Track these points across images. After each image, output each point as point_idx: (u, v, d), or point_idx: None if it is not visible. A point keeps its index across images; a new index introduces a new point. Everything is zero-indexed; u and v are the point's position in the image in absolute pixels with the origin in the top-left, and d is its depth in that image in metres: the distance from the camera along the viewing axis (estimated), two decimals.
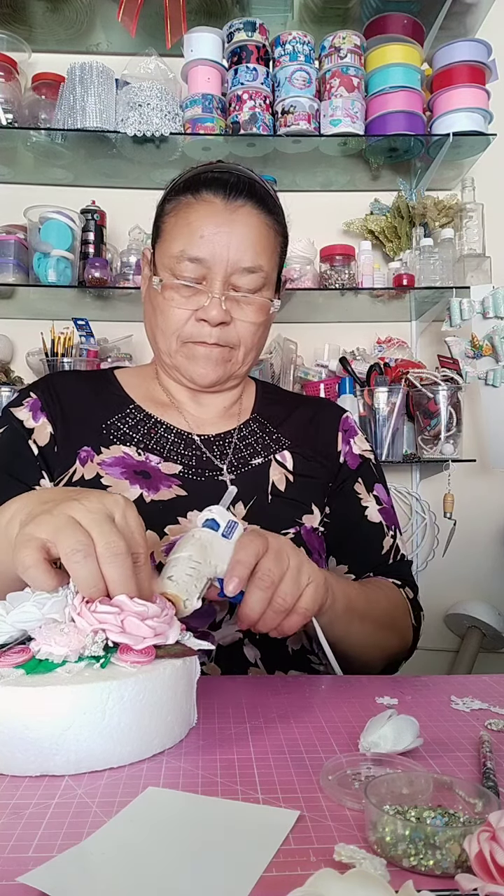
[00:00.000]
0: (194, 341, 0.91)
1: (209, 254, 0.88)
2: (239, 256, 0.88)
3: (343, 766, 0.52)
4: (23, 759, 0.52)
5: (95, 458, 0.90)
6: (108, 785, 0.51)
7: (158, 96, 1.83)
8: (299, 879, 0.35)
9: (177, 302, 0.90)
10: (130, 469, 0.89)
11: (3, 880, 0.39)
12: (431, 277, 1.92)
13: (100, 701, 0.52)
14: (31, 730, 0.51)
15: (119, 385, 1.01)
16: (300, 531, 0.89)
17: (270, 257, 0.92)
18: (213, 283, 0.89)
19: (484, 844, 0.36)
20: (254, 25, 1.87)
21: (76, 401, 0.96)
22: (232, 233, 0.88)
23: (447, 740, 0.60)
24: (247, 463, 0.94)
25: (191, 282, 0.89)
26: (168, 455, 0.92)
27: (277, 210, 0.95)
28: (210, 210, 0.89)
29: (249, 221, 0.90)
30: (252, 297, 0.91)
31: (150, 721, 0.55)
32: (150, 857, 0.41)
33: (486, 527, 2.12)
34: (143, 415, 0.96)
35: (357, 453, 1.02)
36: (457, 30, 2.01)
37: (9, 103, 1.87)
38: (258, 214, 0.91)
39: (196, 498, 0.88)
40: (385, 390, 1.87)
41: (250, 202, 0.90)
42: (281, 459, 0.96)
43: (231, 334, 0.91)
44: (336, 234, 2.13)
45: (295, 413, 1.03)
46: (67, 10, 1.91)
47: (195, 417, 0.98)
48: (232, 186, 0.90)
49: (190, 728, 0.61)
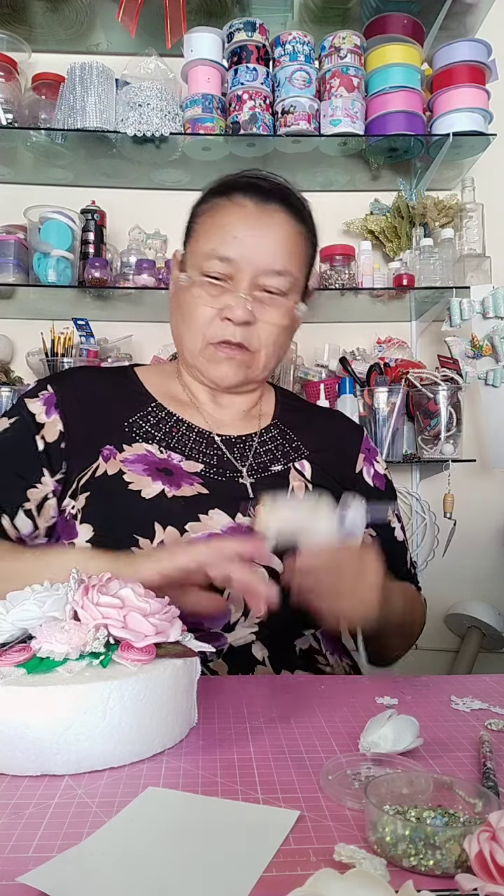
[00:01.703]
0: (217, 342, 0.91)
1: (239, 254, 0.89)
2: (269, 259, 0.90)
3: (343, 766, 0.52)
4: (23, 759, 0.52)
5: (118, 455, 0.89)
6: (108, 785, 0.51)
7: (158, 96, 1.82)
8: (299, 879, 0.35)
9: (204, 300, 0.91)
10: (153, 466, 0.89)
11: (3, 880, 0.39)
12: (431, 277, 1.92)
13: (100, 701, 0.52)
14: (31, 729, 0.51)
15: (140, 383, 1.01)
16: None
17: (300, 263, 0.94)
18: (241, 282, 0.89)
19: (484, 844, 0.36)
20: (254, 25, 1.87)
21: (97, 397, 0.96)
22: (263, 236, 0.90)
23: (447, 740, 0.60)
24: (266, 468, 0.94)
25: (218, 279, 0.90)
26: (190, 454, 0.92)
27: (310, 220, 0.97)
28: (243, 213, 0.91)
29: (281, 226, 0.91)
30: (278, 298, 0.92)
31: (151, 721, 0.55)
32: (150, 857, 0.41)
33: (486, 527, 2.12)
34: (165, 413, 0.96)
35: (382, 473, 1.05)
36: (457, 30, 2.01)
37: (9, 103, 1.87)
38: (290, 221, 0.92)
39: (217, 497, 0.88)
40: (385, 390, 1.87)
41: (283, 208, 0.92)
42: (300, 468, 0.96)
43: (253, 335, 0.92)
44: (336, 234, 2.13)
45: (314, 423, 1.05)
46: (67, 10, 1.90)
47: (214, 418, 0.98)
48: (265, 192, 0.92)
49: (190, 728, 0.61)
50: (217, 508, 0.86)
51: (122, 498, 0.85)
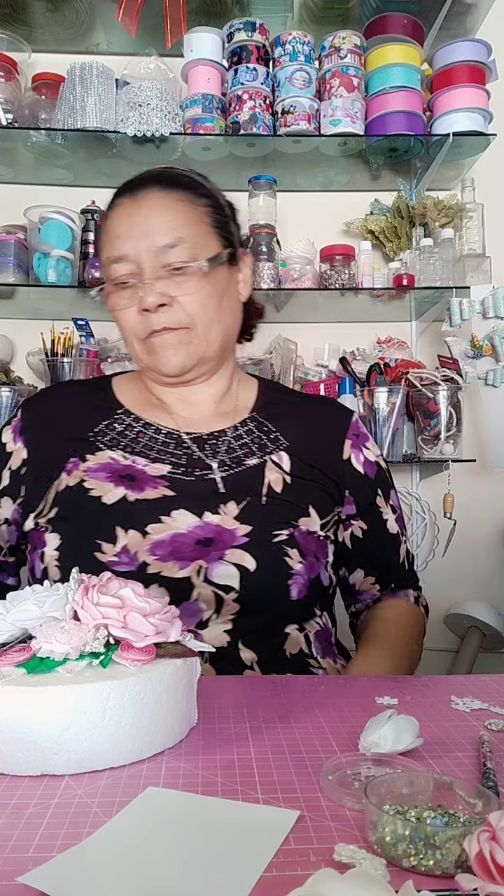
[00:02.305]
0: (146, 336, 0.91)
1: (128, 248, 0.89)
2: (154, 238, 0.89)
3: (343, 766, 0.52)
4: (23, 759, 0.52)
5: (81, 465, 0.90)
6: (108, 785, 0.51)
7: (158, 96, 1.82)
8: (299, 879, 0.35)
9: (121, 305, 0.92)
10: (116, 473, 0.89)
11: (3, 880, 0.39)
12: (431, 277, 1.92)
13: (100, 700, 0.52)
14: (31, 729, 0.51)
15: (112, 391, 1.02)
16: (294, 533, 0.87)
17: (193, 226, 0.91)
18: (143, 272, 0.89)
19: (484, 844, 0.36)
20: (254, 25, 1.87)
21: (66, 413, 0.98)
22: (142, 219, 0.89)
23: (447, 740, 0.60)
24: (241, 462, 0.93)
25: (126, 281, 0.90)
26: (156, 457, 0.92)
27: (195, 184, 0.95)
28: (120, 211, 0.92)
29: (156, 203, 0.90)
30: (186, 268, 0.89)
31: (151, 721, 0.55)
32: (150, 857, 0.41)
33: (486, 527, 2.12)
34: (132, 419, 0.97)
35: (373, 461, 1.02)
36: (457, 30, 2.01)
37: (9, 103, 1.87)
38: (164, 195, 0.91)
39: (184, 497, 0.87)
40: (385, 390, 1.87)
41: (154, 189, 0.91)
42: (277, 460, 0.94)
43: (178, 314, 0.90)
44: (336, 234, 2.13)
45: (297, 413, 1.02)
46: (67, 10, 1.90)
47: (185, 417, 0.98)
48: (137, 183, 0.93)
49: (190, 728, 0.61)
50: (182, 509, 0.86)
51: (84, 506, 0.86)
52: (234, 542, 0.84)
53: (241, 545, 0.84)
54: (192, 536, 0.84)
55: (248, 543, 0.84)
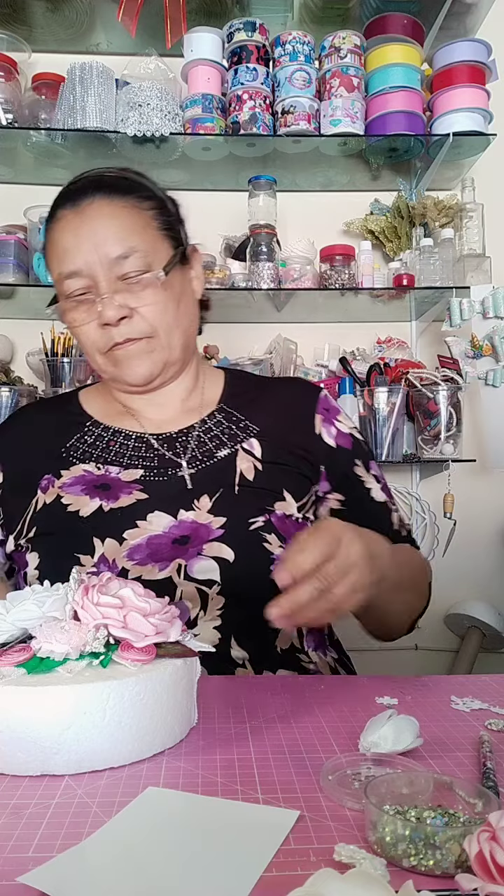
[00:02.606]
0: (109, 349, 0.90)
1: (79, 263, 0.88)
2: (106, 250, 0.87)
3: (343, 766, 0.52)
4: (24, 759, 0.52)
5: (56, 482, 0.91)
6: (108, 785, 0.51)
7: (158, 96, 1.82)
8: (299, 879, 0.35)
9: (80, 320, 0.90)
10: (90, 485, 0.89)
11: (3, 880, 0.39)
12: (431, 277, 1.92)
13: (100, 700, 0.52)
14: (31, 729, 0.51)
15: (79, 405, 1.02)
16: (270, 519, 0.87)
17: (143, 234, 0.89)
18: (98, 286, 0.88)
19: (484, 844, 0.36)
20: (254, 25, 1.87)
21: (36, 433, 0.98)
22: (88, 233, 0.87)
23: (447, 740, 0.60)
24: (212, 455, 0.92)
25: (80, 295, 0.89)
26: (128, 463, 0.92)
27: (137, 187, 0.93)
28: (64, 224, 0.89)
29: (100, 213, 0.88)
30: (142, 278, 0.88)
31: (151, 721, 0.55)
32: (150, 857, 0.41)
33: (486, 527, 2.12)
34: (101, 429, 0.97)
35: (347, 433, 1.00)
36: (457, 30, 2.01)
37: (9, 103, 1.87)
38: (109, 203, 0.89)
39: (158, 499, 0.87)
40: (385, 390, 1.87)
41: (97, 196, 0.89)
42: (248, 448, 0.93)
43: (139, 324, 0.89)
44: (336, 234, 2.13)
45: (264, 398, 1.01)
46: (67, 10, 1.90)
47: (153, 420, 0.97)
48: (75, 193, 0.90)
49: (190, 728, 0.61)
50: (157, 511, 0.86)
51: (62, 522, 0.86)
52: (210, 536, 0.84)
53: (218, 538, 0.84)
54: (169, 536, 0.84)
55: (225, 535, 0.84)
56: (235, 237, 2.00)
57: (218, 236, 2.01)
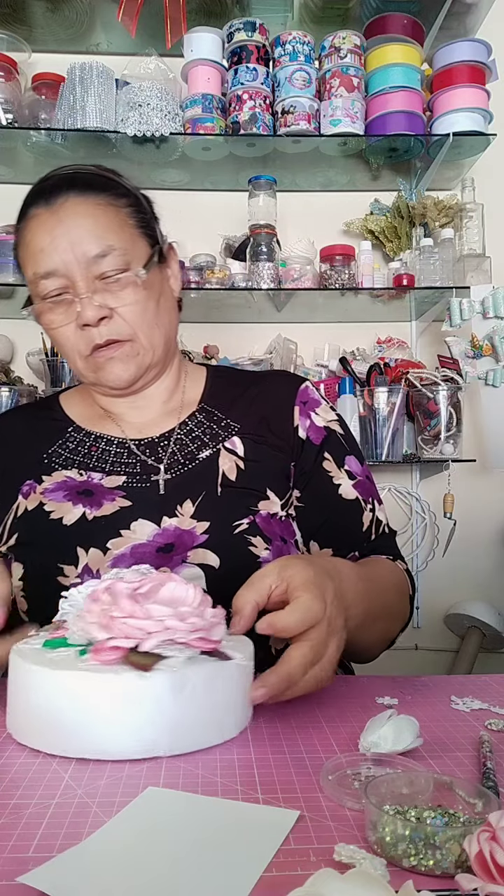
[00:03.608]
0: (90, 352, 0.88)
1: (56, 262, 0.85)
2: (83, 249, 0.85)
3: (343, 766, 0.52)
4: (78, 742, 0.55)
5: (38, 488, 0.89)
6: (108, 785, 0.51)
7: (158, 96, 1.82)
8: (299, 879, 0.35)
9: (57, 322, 0.88)
10: (73, 490, 0.88)
11: (3, 880, 0.39)
12: (431, 277, 1.92)
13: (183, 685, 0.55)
14: (128, 713, 0.55)
15: (61, 409, 1.00)
16: (255, 520, 0.85)
17: (120, 232, 0.87)
18: (76, 286, 0.85)
19: (484, 844, 0.36)
20: (254, 25, 1.87)
21: (16, 438, 0.97)
22: (65, 232, 0.85)
23: (447, 740, 0.60)
24: (194, 457, 0.91)
25: (56, 296, 0.87)
26: (110, 469, 0.90)
27: (111, 184, 0.90)
28: (37, 223, 0.87)
29: (76, 212, 0.86)
30: (121, 277, 0.86)
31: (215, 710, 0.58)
32: (150, 857, 0.41)
33: (486, 527, 2.12)
34: (83, 434, 0.95)
35: (321, 426, 0.96)
36: (457, 30, 2.01)
37: (9, 103, 1.87)
38: (84, 201, 0.87)
39: (141, 506, 0.86)
40: (385, 390, 1.87)
41: (71, 194, 0.87)
42: (230, 447, 0.91)
43: (120, 325, 0.87)
44: (336, 234, 2.13)
45: (248, 394, 0.98)
46: (67, 10, 1.90)
47: (134, 423, 0.96)
48: (49, 191, 0.88)
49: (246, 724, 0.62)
50: (141, 518, 0.84)
51: (44, 529, 0.85)
52: (194, 543, 0.83)
53: (202, 544, 0.82)
54: (153, 545, 0.83)
55: (209, 541, 0.83)
56: (235, 237, 2.00)
57: (218, 236, 2.01)
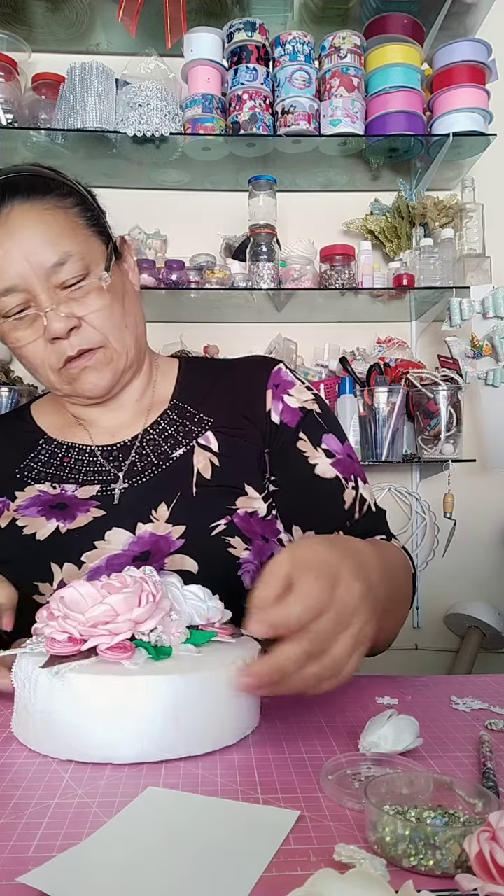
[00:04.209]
0: (64, 364, 0.84)
1: (13, 278, 0.81)
2: (39, 259, 0.80)
3: (343, 766, 0.52)
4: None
5: (11, 505, 0.86)
6: (108, 785, 0.51)
7: (158, 96, 1.82)
8: (299, 879, 0.35)
9: (24, 339, 0.84)
10: (46, 505, 0.85)
11: (3, 880, 0.39)
12: (431, 277, 1.92)
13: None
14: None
15: (32, 421, 0.97)
16: (233, 520, 0.83)
17: (74, 236, 0.83)
18: (38, 299, 0.82)
19: (484, 844, 0.36)
20: (254, 25, 1.87)
21: None
22: (17, 244, 0.80)
23: (447, 740, 0.60)
24: (168, 457, 0.88)
25: (19, 312, 0.83)
26: (84, 479, 0.88)
27: (53, 185, 0.86)
28: None
29: (26, 221, 0.81)
30: (83, 284, 0.83)
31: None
32: (150, 857, 0.41)
33: (486, 527, 2.12)
34: (54, 445, 0.92)
35: (296, 407, 0.90)
36: (457, 30, 2.01)
37: (9, 103, 1.87)
38: (32, 207, 0.82)
39: (115, 515, 0.84)
40: (385, 390, 1.87)
41: (16, 201, 0.82)
42: (204, 442, 0.88)
43: (90, 333, 0.84)
44: (336, 234, 2.13)
45: (219, 384, 0.94)
46: (67, 10, 1.90)
47: (107, 429, 0.93)
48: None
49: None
50: (115, 527, 0.82)
51: (18, 546, 0.82)
52: (171, 549, 0.80)
53: (179, 549, 0.80)
54: (128, 554, 0.80)
55: (185, 545, 0.81)
56: (235, 237, 2.01)
57: (218, 236, 2.01)
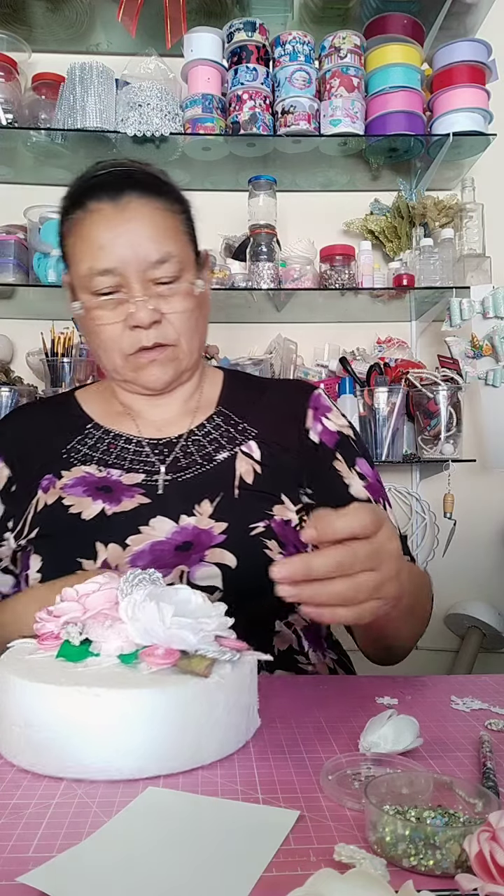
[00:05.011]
0: (134, 352, 0.89)
1: (115, 261, 0.86)
2: (145, 252, 0.86)
3: (343, 766, 0.52)
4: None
5: (57, 483, 0.90)
6: (108, 785, 0.51)
7: (158, 96, 1.82)
8: (299, 879, 0.35)
9: (105, 319, 0.89)
10: (92, 486, 0.89)
11: (3, 880, 0.39)
12: (431, 277, 1.92)
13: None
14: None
15: (78, 406, 1.01)
16: (270, 524, 0.87)
17: (177, 239, 0.89)
18: (132, 287, 0.87)
19: (484, 844, 0.36)
20: (254, 25, 1.87)
21: (35, 433, 0.97)
22: (129, 231, 0.86)
23: (447, 740, 0.60)
24: (211, 459, 0.92)
25: (108, 293, 0.88)
26: (129, 467, 0.92)
27: (168, 188, 0.92)
28: (100, 218, 0.87)
29: (141, 214, 0.87)
30: (175, 286, 0.88)
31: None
32: (150, 857, 0.41)
33: (486, 527, 2.12)
34: (102, 431, 0.96)
35: (334, 430, 0.97)
36: (457, 30, 2.01)
37: (9, 103, 1.87)
38: (148, 203, 0.88)
39: (159, 503, 0.87)
40: (385, 390, 1.87)
41: (136, 194, 0.88)
42: (247, 451, 0.93)
43: (168, 330, 0.89)
44: (336, 234, 2.13)
45: (262, 400, 1.00)
46: (67, 10, 1.90)
47: (155, 422, 0.97)
48: (115, 186, 0.88)
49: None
50: (160, 515, 0.85)
51: (63, 524, 0.86)
52: (212, 542, 0.84)
53: (220, 543, 0.84)
54: (171, 543, 0.84)
55: (226, 541, 0.84)
56: (235, 237, 2.01)
57: (218, 236, 2.01)
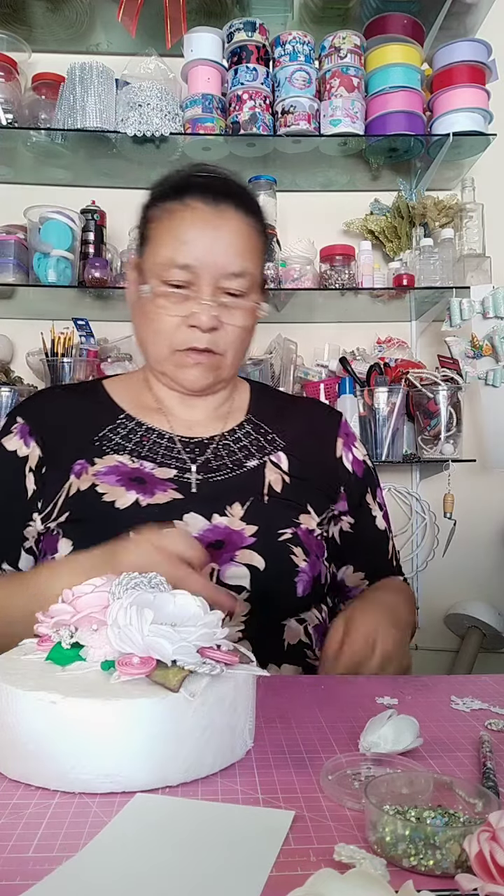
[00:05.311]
0: (185, 349, 0.91)
1: (197, 260, 0.88)
2: (226, 261, 0.88)
3: (343, 766, 0.52)
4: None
5: (90, 469, 0.90)
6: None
7: (158, 96, 1.82)
8: (299, 879, 0.35)
9: (167, 309, 0.90)
10: (125, 476, 0.89)
11: (3, 880, 0.39)
12: (431, 277, 1.92)
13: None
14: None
15: (108, 395, 1.01)
16: (297, 532, 0.89)
17: (256, 260, 0.92)
18: (202, 288, 0.88)
19: (484, 844, 0.36)
20: (254, 25, 1.87)
21: (65, 417, 0.97)
22: (219, 237, 0.88)
23: (447, 740, 0.60)
24: (241, 465, 0.94)
25: (180, 287, 0.89)
26: (162, 461, 0.92)
27: (258, 210, 0.95)
28: (196, 216, 0.89)
29: (235, 226, 0.90)
30: (241, 301, 0.91)
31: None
32: (151, 872, 0.40)
33: (486, 527, 2.12)
34: (135, 423, 0.97)
35: (361, 459, 1.04)
36: (457, 30, 2.01)
37: (9, 103, 1.87)
38: (243, 217, 0.91)
39: (192, 500, 0.88)
40: (385, 390, 1.87)
41: (235, 205, 0.90)
42: (276, 460, 0.96)
43: (221, 340, 0.91)
44: (336, 234, 2.12)
45: (290, 414, 1.04)
46: (67, 10, 1.90)
47: (185, 421, 0.98)
48: (216, 191, 0.90)
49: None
50: (192, 512, 0.87)
51: (97, 511, 0.86)
52: (242, 543, 0.86)
53: (250, 545, 0.85)
54: (204, 540, 0.84)
55: (256, 543, 0.86)
56: None
57: None
